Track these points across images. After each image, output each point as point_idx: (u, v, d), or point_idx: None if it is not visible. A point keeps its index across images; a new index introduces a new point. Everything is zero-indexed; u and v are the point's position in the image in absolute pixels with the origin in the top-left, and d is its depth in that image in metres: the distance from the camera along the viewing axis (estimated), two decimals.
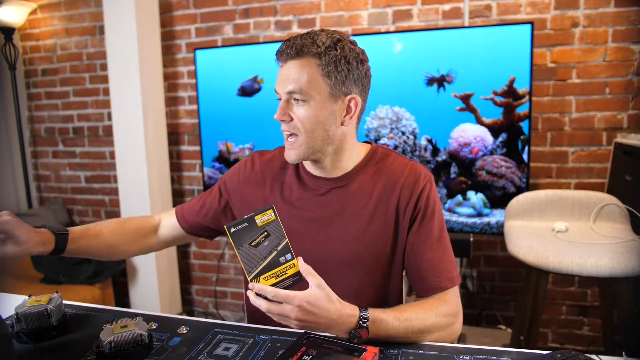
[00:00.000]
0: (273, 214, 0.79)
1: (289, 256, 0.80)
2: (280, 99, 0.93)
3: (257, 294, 0.77)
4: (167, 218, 1.16)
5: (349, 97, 0.93)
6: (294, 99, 0.91)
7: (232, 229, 0.77)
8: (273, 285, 0.78)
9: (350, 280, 0.98)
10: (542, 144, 2.13)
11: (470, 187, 1.96)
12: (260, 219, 0.79)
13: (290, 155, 0.95)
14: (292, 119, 0.92)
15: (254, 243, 0.78)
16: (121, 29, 2.40)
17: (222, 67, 2.28)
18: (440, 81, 1.94)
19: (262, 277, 0.78)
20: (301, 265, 0.80)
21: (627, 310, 1.53)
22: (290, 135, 0.94)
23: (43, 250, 0.92)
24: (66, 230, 0.98)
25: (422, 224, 0.96)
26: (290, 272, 0.80)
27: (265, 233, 0.79)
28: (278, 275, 0.79)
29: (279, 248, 0.79)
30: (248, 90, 2.23)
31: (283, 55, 0.91)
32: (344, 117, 0.94)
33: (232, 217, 1.11)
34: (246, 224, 0.78)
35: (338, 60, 0.90)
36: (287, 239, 0.80)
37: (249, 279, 0.78)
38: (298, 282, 0.80)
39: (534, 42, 1.86)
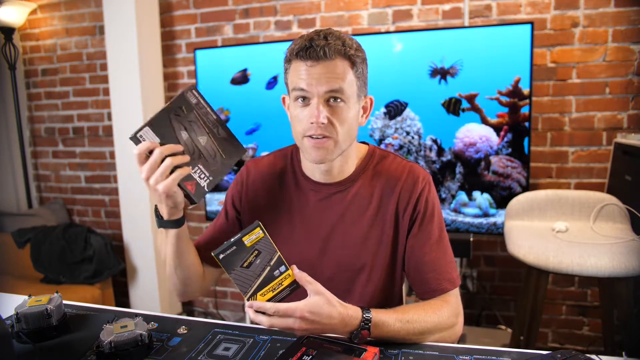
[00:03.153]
0: (261, 231, 0.77)
1: (282, 268, 0.79)
2: (305, 98, 0.89)
3: (257, 311, 0.76)
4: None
5: (367, 97, 0.97)
6: (333, 99, 0.88)
7: (221, 255, 0.75)
8: (271, 298, 0.78)
9: (351, 285, 0.99)
10: (542, 144, 2.13)
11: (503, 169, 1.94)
12: (248, 239, 0.77)
13: (319, 156, 0.90)
14: (329, 121, 0.88)
15: (245, 264, 0.76)
16: (121, 29, 2.40)
17: (222, 67, 2.28)
18: (443, 73, 1.93)
19: (258, 294, 0.77)
20: (296, 273, 0.79)
21: (627, 310, 1.53)
22: (323, 137, 0.89)
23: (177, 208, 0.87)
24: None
25: (421, 226, 0.96)
26: (286, 282, 0.79)
27: (256, 252, 0.77)
28: (275, 289, 0.78)
29: (271, 263, 0.78)
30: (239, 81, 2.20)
31: (314, 54, 0.86)
32: (361, 116, 0.97)
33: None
34: (235, 247, 0.76)
35: (362, 61, 0.91)
36: (278, 253, 0.79)
37: (245, 298, 0.77)
38: (296, 290, 0.80)
39: (534, 42, 1.85)
